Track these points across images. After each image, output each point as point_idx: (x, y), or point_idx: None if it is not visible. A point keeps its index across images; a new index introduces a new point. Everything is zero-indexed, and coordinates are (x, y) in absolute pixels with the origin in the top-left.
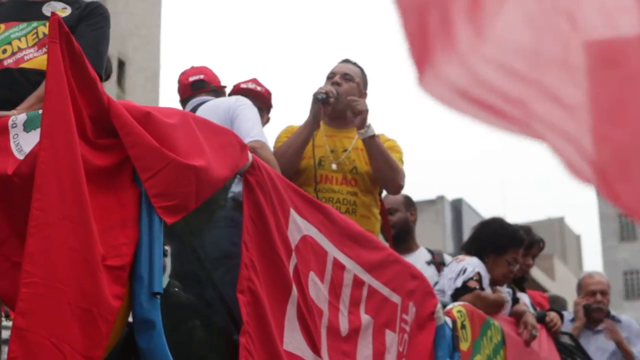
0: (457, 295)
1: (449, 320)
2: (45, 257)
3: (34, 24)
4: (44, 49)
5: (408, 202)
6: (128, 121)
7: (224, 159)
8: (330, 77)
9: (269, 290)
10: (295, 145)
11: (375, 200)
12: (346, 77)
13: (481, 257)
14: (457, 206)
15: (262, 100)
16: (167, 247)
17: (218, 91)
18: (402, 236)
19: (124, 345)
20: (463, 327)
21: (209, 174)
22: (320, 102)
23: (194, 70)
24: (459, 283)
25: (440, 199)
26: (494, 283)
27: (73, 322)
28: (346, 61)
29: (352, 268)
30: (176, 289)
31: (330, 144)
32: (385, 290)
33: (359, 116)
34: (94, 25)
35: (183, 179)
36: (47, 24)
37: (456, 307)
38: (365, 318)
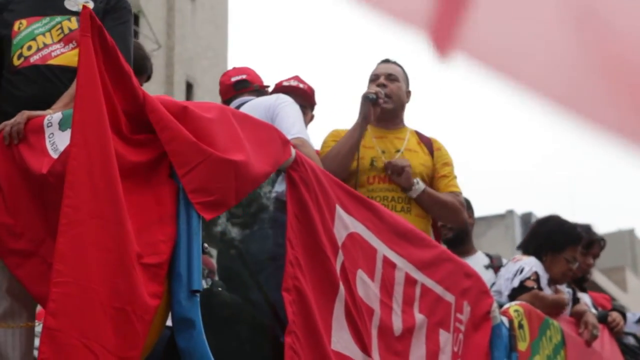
0: (514, 295)
1: (505, 320)
2: (77, 256)
3: (57, 18)
4: (71, 45)
5: (466, 205)
6: (164, 116)
7: (264, 155)
8: (374, 79)
9: (316, 288)
10: (345, 149)
11: None
12: (390, 77)
13: (539, 257)
14: (527, 220)
15: (304, 98)
16: (206, 245)
17: (261, 91)
18: (460, 238)
19: (168, 348)
20: (520, 326)
21: (249, 169)
22: (370, 102)
23: (236, 70)
24: (515, 283)
25: (510, 213)
26: (553, 282)
27: (106, 322)
28: (387, 61)
29: (404, 266)
30: (220, 289)
31: (380, 145)
32: (438, 289)
33: (404, 174)
34: (120, 19)
35: (222, 174)
36: (72, 19)
37: (513, 306)
38: (419, 317)
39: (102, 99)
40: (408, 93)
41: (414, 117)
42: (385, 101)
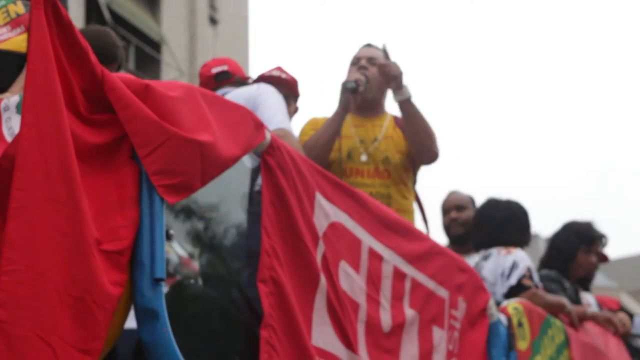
0: (512, 294)
1: (503, 318)
2: (29, 242)
3: (2, 1)
4: (19, 29)
5: (471, 201)
6: (124, 94)
7: (234, 137)
8: (355, 62)
9: (295, 280)
10: (324, 139)
11: (408, 191)
12: (372, 61)
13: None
14: None
15: (288, 88)
16: (172, 231)
17: (242, 82)
18: (470, 235)
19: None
20: (520, 325)
21: (216, 151)
22: (350, 91)
23: (217, 61)
24: (513, 280)
25: (535, 238)
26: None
27: (63, 312)
28: (369, 45)
29: (392, 259)
30: (192, 281)
31: (359, 134)
32: (430, 284)
33: (395, 80)
34: None
35: (186, 155)
36: (18, 3)
37: (512, 304)
38: (409, 313)
39: (56, 75)
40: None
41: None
42: (365, 89)
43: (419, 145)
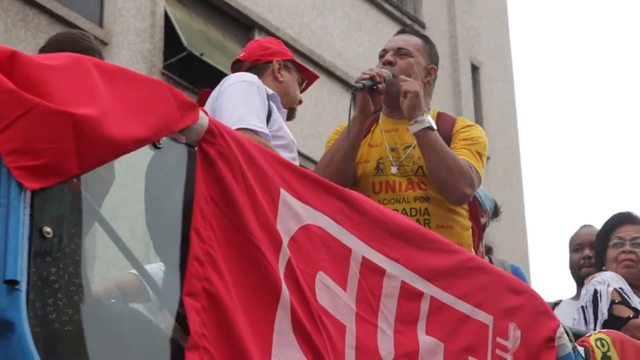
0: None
1: (581, 350)
2: None
3: None
4: None
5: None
6: None
7: (141, 115)
8: (382, 55)
9: (244, 293)
10: (342, 151)
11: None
12: (401, 52)
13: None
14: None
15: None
16: (48, 229)
17: (254, 68)
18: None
19: None
20: (607, 358)
21: (103, 128)
22: (362, 90)
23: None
24: (604, 313)
25: None
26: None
27: None
28: (402, 32)
29: (398, 274)
30: (113, 300)
31: (389, 142)
32: (463, 307)
33: (406, 100)
34: None
35: (53, 130)
36: None
37: (596, 334)
38: (426, 340)
39: None
40: (430, 70)
41: None
42: (391, 84)
43: (442, 185)
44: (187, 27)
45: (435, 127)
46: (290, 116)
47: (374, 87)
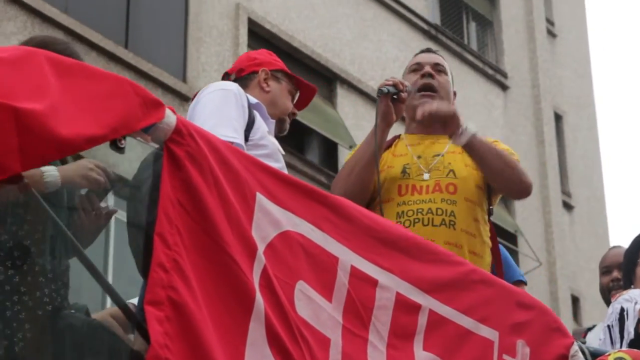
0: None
1: None
2: None
3: None
4: None
5: None
6: None
7: (96, 112)
8: (416, 69)
9: (213, 303)
10: (362, 164)
11: (483, 215)
12: (438, 67)
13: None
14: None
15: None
16: None
17: (239, 79)
18: None
19: None
20: None
21: (52, 124)
22: (384, 97)
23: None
24: (630, 332)
25: None
26: None
27: None
28: (429, 50)
29: (393, 285)
30: (73, 311)
31: (414, 152)
32: (465, 321)
33: (451, 121)
34: None
35: None
36: None
37: (615, 353)
38: (423, 356)
39: None
40: (453, 94)
41: None
42: (407, 92)
43: (507, 182)
44: None
45: (476, 130)
46: (281, 128)
47: (395, 95)
